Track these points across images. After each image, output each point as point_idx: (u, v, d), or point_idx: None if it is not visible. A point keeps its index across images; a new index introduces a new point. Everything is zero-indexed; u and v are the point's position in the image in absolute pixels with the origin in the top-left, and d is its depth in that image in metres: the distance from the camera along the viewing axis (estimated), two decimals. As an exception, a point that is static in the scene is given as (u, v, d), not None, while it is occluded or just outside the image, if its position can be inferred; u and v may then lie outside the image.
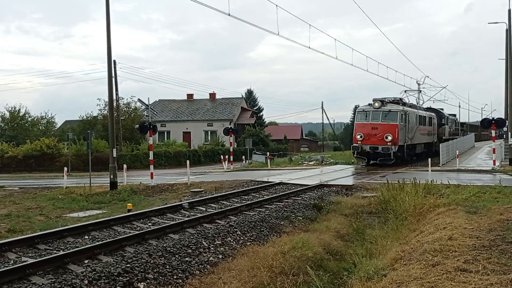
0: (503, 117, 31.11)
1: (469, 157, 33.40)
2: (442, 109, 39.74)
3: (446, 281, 5.73)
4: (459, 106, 68.89)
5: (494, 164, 23.73)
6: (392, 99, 27.08)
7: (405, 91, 34.07)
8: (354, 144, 26.06)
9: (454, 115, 45.67)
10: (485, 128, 41.15)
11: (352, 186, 17.53)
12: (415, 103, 33.63)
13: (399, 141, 25.00)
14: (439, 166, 24.79)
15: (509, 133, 26.70)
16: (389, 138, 24.62)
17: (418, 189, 13.60)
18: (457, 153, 26.83)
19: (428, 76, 70.03)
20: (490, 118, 27.51)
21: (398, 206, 12.68)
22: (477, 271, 6.05)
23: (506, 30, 29.84)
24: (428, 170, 20.26)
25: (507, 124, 26.79)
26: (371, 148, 25.24)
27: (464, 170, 23.02)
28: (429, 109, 35.63)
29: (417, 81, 47.61)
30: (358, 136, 25.57)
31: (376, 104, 25.62)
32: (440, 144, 28.14)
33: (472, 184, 15.50)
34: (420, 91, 35.75)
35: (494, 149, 24.90)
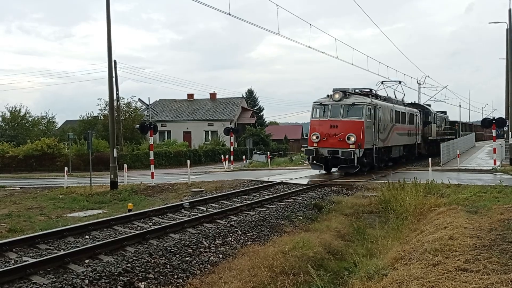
0: (503, 116, 31.06)
1: (470, 156, 33.42)
2: (429, 105, 35.61)
3: (446, 281, 5.73)
4: (460, 106, 68.95)
5: (495, 163, 23.72)
6: (360, 90, 22.23)
7: (382, 82, 27.84)
8: (309, 147, 21.11)
9: (444, 112, 40.99)
10: (486, 128, 40.82)
11: (352, 185, 17.52)
12: (405, 97, 29.33)
13: (365, 143, 20.05)
14: (440, 165, 24.78)
15: (510, 133, 26.67)
16: (352, 139, 19.63)
17: (418, 189, 13.60)
18: (458, 153, 26.83)
19: (428, 76, 70.27)
20: (491, 117, 27.50)
21: (399, 206, 12.69)
22: (477, 270, 6.05)
23: (507, 29, 29.81)
24: (428, 170, 20.27)
25: (507, 124, 26.75)
26: (330, 152, 20.18)
27: (465, 169, 23.02)
28: (412, 104, 31.09)
29: (417, 81, 47.78)
30: (314, 137, 20.49)
31: (337, 96, 20.37)
32: (441, 144, 27.87)
33: (472, 184, 15.50)
34: (400, 82, 28.47)
35: (494, 149, 24.90)
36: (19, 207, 16.73)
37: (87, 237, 9.82)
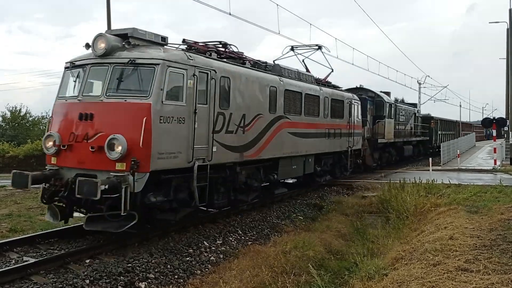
0: (504, 116, 31.06)
1: (470, 156, 33.41)
2: (389, 93, 24.54)
3: (447, 281, 5.73)
4: (460, 106, 68.92)
5: (495, 163, 23.73)
6: (203, 43, 10.83)
7: (292, 48, 16.71)
8: (46, 167, 9.75)
9: (414, 105, 31.32)
10: (486, 127, 40.61)
11: (352, 185, 17.53)
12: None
13: (153, 156, 8.10)
14: (440, 165, 24.79)
15: (510, 133, 26.68)
16: (118, 148, 7.92)
17: (419, 189, 13.61)
18: (458, 153, 26.83)
19: (429, 76, 70.12)
20: (491, 117, 27.50)
21: (399, 206, 12.69)
22: (478, 270, 6.06)
23: (507, 29, 29.81)
24: (429, 170, 20.28)
25: (508, 124, 26.76)
26: (79, 177, 7.90)
27: (465, 169, 23.02)
28: (353, 89, 20.78)
29: (418, 81, 47.81)
30: (49, 144, 9.06)
31: (101, 45, 8.67)
32: (441, 144, 27.67)
33: (473, 184, 15.49)
34: (320, 48, 16.71)
35: (495, 149, 24.90)
36: (19, 207, 16.70)
37: (87, 236, 9.80)
